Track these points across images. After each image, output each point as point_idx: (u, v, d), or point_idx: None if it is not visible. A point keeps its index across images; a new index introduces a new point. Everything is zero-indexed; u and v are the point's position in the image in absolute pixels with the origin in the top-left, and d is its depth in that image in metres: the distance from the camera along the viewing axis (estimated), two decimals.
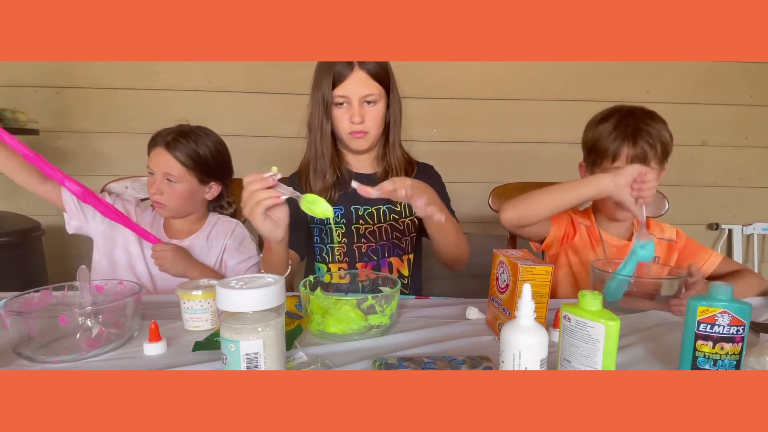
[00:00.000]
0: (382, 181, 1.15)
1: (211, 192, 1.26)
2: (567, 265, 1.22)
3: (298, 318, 0.85)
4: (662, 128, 1.09)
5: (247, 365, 0.57)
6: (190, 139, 1.18)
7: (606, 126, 1.10)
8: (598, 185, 1.00)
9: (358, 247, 1.17)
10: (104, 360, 0.72)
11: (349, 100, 1.07)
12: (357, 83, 1.05)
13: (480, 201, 1.47)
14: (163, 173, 1.17)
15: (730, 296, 0.63)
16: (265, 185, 0.80)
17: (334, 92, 1.06)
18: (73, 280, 0.83)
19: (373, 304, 0.81)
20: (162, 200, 1.18)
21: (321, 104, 1.08)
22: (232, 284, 0.58)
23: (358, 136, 1.10)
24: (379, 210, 1.18)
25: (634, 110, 1.11)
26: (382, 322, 0.81)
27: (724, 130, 2.14)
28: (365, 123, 1.08)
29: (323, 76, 1.07)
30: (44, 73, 1.98)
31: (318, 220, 1.17)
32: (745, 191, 2.23)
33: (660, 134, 1.07)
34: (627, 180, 0.96)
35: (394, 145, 1.17)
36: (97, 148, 2.05)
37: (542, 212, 1.06)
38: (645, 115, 1.10)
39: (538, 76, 2.09)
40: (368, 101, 1.08)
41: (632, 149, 1.06)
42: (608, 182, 0.98)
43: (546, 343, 0.57)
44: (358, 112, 1.07)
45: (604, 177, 0.99)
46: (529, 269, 0.75)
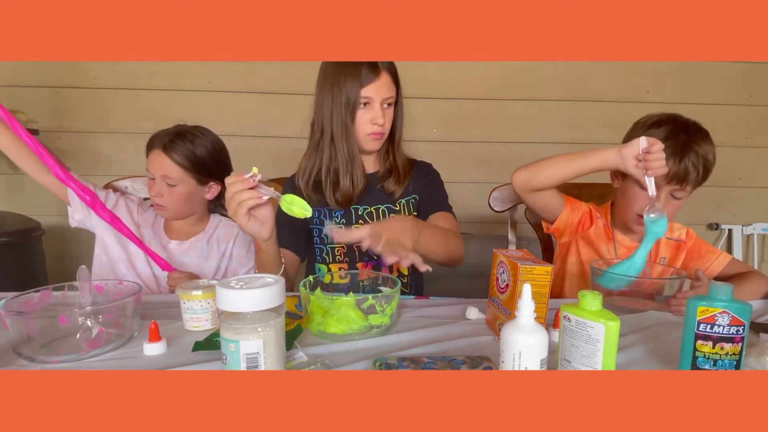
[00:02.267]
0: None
1: (211, 192, 1.25)
2: (577, 254, 1.20)
3: (298, 318, 0.85)
4: (710, 150, 1.05)
5: (247, 365, 0.57)
6: (187, 140, 1.18)
7: (656, 133, 1.04)
8: (604, 156, 0.99)
9: (358, 246, 1.16)
10: (104, 360, 0.72)
11: (371, 102, 1.08)
12: (382, 85, 1.07)
13: (480, 201, 1.47)
14: (162, 176, 1.17)
15: (730, 296, 0.63)
16: (247, 186, 0.81)
17: (362, 93, 1.06)
18: (73, 280, 0.83)
19: (374, 304, 0.81)
20: (162, 202, 1.18)
21: (344, 105, 1.07)
22: (232, 284, 0.58)
23: (377, 137, 1.11)
24: (379, 209, 1.18)
25: (689, 126, 1.07)
26: (383, 322, 0.81)
27: (724, 130, 2.14)
28: (385, 124, 1.10)
29: (347, 77, 1.06)
30: (44, 73, 1.98)
31: (317, 221, 1.17)
32: (745, 191, 2.23)
33: (706, 157, 1.03)
34: (633, 151, 0.94)
35: (400, 144, 1.18)
36: (96, 148, 2.05)
37: (550, 177, 1.05)
38: (698, 134, 1.06)
39: (538, 76, 2.09)
40: (388, 103, 1.10)
41: (676, 166, 1.01)
42: (614, 154, 0.97)
43: (546, 343, 0.57)
44: (381, 113, 1.08)
45: (611, 148, 0.97)
46: (529, 269, 0.75)
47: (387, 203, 1.18)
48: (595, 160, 1.00)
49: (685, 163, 1.02)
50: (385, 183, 1.16)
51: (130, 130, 2.03)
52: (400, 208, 1.19)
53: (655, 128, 1.07)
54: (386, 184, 1.16)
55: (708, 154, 1.04)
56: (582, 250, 1.20)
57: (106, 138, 2.05)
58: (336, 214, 1.17)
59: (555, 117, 2.11)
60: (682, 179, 1.03)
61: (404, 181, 1.17)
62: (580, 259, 1.20)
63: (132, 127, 2.02)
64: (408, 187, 1.19)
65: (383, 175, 1.17)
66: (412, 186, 1.20)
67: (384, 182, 1.16)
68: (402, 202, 1.19)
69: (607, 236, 1.19)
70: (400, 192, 1.17)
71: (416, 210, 1.20)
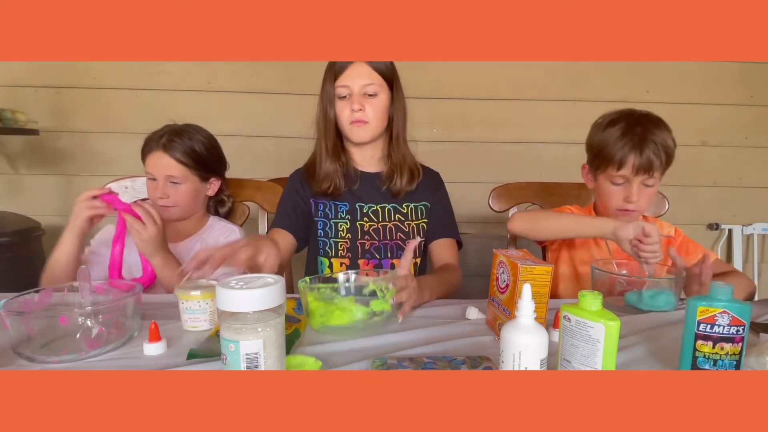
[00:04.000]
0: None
1: (212, 188, 1.26)
2: (569, 259, 1.23)
3: (297, 321, 0.85)
4: (667, 136, 1.09)
5: (247, 365, 0.57)
6: (185, 137, 1.18)
7: (613, 132, 1.10)
8: (600, 230, 1.05)
9: (362, 243, 1.17)
10: (104, 360, 0.72)
11: (350, 91, 1.09)
12: (357, 73, 1.08)
13: (480, 201, 1.47)
14: (166, 176, 1.17)
15: (730, 296, 0.63)
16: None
17: (336, 83, 1.09)
18: (73, 280, 0.84)
19: (374, 289, 0.83)
20: (169, 203, 1.18)
21: (326, 98, 1.11)
22: (232, 284, 0.58)
23: (359, 124, 1.11)
24: (384, 208, 1.19)
25: (641, 118, 1.11)
26: (384, 308, 0.82)
27: (724, 130, 2.14)
28: (365, 111, 1.10)
29: (327, 73, 1.11)
30: (44, 73, 1.98)
31: (322, 213, 1.18)
32: (745, 191, 2.23)
33: (665, 143, 1.08)
34: (628, 235, 0.98)
35: (398, 140, 1.18)
36: (96, 148, 2.05)
37: (546, 234, 1.16)
38: (651, 124, 1.10)
39: (538, 76, 2.09)
40: (369, 93, 1.10)
41: (638, 158, 1.07)
42: (611, 231, 1.01)
43: (546, 343, 0.57)
44: (358, 101, 1.09)
45: (608, 224, 1.02)
46: (529, 269, 0.75)
47: (393, 203, 1.19)
48: (592, 231, 1.08)
49: (647, 154, 1.06)
50: (391, 183, 1.17)
51: (130, 130, 2.02)
52: (408, 212, 1.20)
53: (610, 127, 1.12)
54: (392, 184, 1.17)
55: (666, 140, 1.09)
56: (572, 253, 1.23)
57: (106, 138, 2.04)
58: (341, 209, 1.18)
59: (555, 117, 2.11)
60: (647, 169, 1.07)
61: (411, 181, 1.18)
62: (572, 262, 1.22)
63: (132, 127, 2.02)
64: (417, 191, 1.20)
65: (388, 174, 1.18)
66: (422, 193, 1.21)
67: (390, 182, 1.17)
68: (411, 206, 1.20)
69: None
70: (405, 191, 1.18)
71: (426, 218, 1.21)
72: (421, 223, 1.21)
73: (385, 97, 1.12)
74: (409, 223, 1.20)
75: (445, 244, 1.20)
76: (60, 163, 2.05)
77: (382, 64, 1.10)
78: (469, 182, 2.06)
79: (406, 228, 1.19)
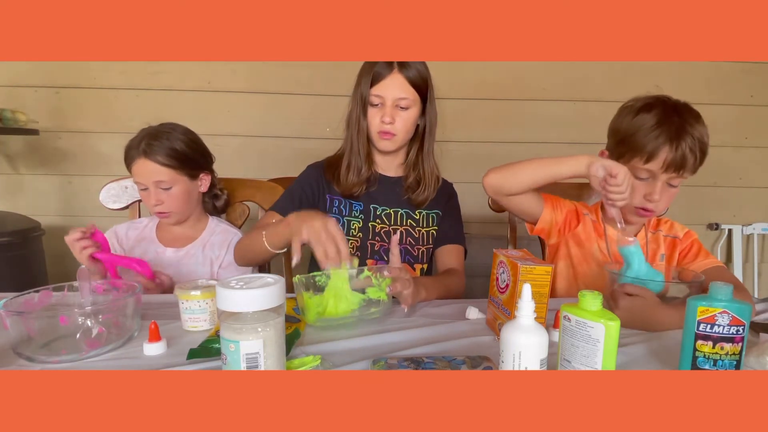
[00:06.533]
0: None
1: (203, 184, 1.25)
2: (567, 257, 1.17)
3: (297, 321, 0.85)
4: (705, 132, 0.98)
5: (247, 365, 0.57)
6: (163, 138, 1.15)
7: (647, 118, 0.98)
8: (576, 167, 0.95)
9: (372, 244, 1.18)
10: (104, 360, 0.72)
11: (383, 101, 1.10)
12: (393, 85, 1.09)
13: (480, 201, 1.46)
14: (154, 182, 1.15)
15: (730, 296, 0.63)
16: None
17: (371, 91, 1.09)
18: (73, 280, 0.83)
19: (369, 276, 0.83)
20: (164, 209, 1.17)
21: (359, 101, 1.12)
22: (232, 284, 0.58)
23: (386, 137, 1.12)
24: (397, 213, 1.20)
25: (678, 107, 1.00)
26: (380, 297, 0.82)
27: (724, 130, 2.14)
28: (395, 125, 1.11)
29: (364, 74, 1.11)
30: (44, 73, 1.98)
31: (336, 210, 1.18)
32: (745, 191, 2.23)
33: (702, 139, 0.97)
34: (598, 173, 0.91)
35: (429, 154, 1.19)
36: (96, 148, 2.05)
37: (521, 181, 1.03)
38: (690, 115, 0.99)
39: (538, 76, 2.09)
40: (402, 106, 1.10)
41: (672, 152, 0.95)
42: (585, 166, 0.93)
43: (546, 343, 0.57)
44: (390, 113, 1.10)
45: (582, 160, 0.94)
46: (529, 269, 0.75)
47: (406, 208, 1.20)
48: (566, 169, 0.97)
49: (683, 148, 0.95)
50: (414, 193, 1.18)
51: (130, 130, 2.00)
52: (420, 218, 1.21)
53: (644, 112, 1.01)
54: (416, 194, 1.18)
55: (703, 136, 0.98)
56: (572, 251, 1.17)
57: (106, 138, 2.04)
58: (356, 208, 1.18)
59: (555, 117, 2.11)
60: (679, 166, 0.97)
61: (430, 194, 1.19)
62: (570, 261, 1.17)
63: (132, 127, 1.99)
64: (431, 199, 1.20)
65: (411, 185, 1.18)
66: (435, 201, 1.22)
67: (413, 192, 1.18)
68: (423, 213, 1.21)
69: (597, 233, 1.15)
70: (424, 203, 1.19)
71: (437, 225, 1.22)
72: (432, 231, 1.21)
73: (416, 110, 1.13)
74: (420, 230, 1.20)
75: (451, 250, 1.21)
76: (60, 163, 2.05)
77: (417, 77, 1.10)
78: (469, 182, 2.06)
79: (416, 234, 1.20)
